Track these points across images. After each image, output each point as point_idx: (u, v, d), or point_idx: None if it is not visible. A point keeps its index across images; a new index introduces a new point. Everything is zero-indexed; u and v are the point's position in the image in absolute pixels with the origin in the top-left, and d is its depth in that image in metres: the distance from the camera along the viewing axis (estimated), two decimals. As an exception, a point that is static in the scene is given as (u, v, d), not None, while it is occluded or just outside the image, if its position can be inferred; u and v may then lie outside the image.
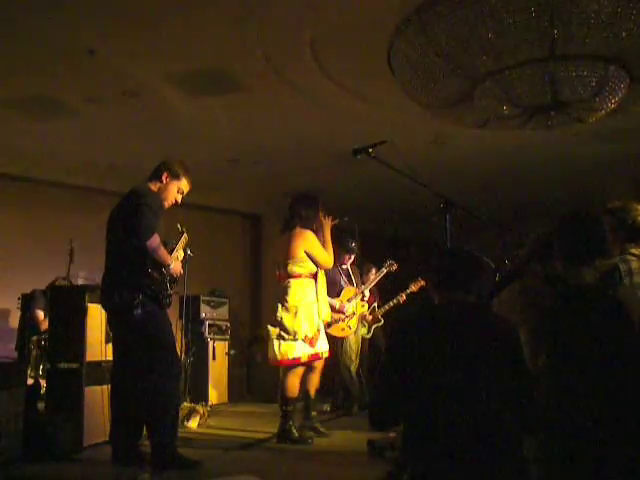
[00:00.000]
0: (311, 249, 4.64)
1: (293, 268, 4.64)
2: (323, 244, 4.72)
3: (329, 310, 5.06)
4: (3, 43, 4.36)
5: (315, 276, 4.72)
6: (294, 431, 4.58)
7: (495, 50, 3.87)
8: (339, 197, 8.45)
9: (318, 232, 4.76)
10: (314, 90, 5.20)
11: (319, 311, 4.71)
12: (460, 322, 2.16)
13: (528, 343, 2.11)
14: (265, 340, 4.88)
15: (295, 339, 4.57)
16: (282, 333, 4.60)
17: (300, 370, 4.69)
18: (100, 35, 4.27)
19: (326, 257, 4.71)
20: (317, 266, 4.70)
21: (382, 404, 2.20)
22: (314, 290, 4.70)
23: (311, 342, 4.61)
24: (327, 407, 6.33)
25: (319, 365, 4.77)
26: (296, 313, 4.58)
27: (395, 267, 6.28)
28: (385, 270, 6.32)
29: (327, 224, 4.83)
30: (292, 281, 4.64)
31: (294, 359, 4.59)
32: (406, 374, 2.11)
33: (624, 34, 3.71)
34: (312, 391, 4.87)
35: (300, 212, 4.74)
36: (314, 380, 4.83)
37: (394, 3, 3.93)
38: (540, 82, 4.04)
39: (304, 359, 4.61)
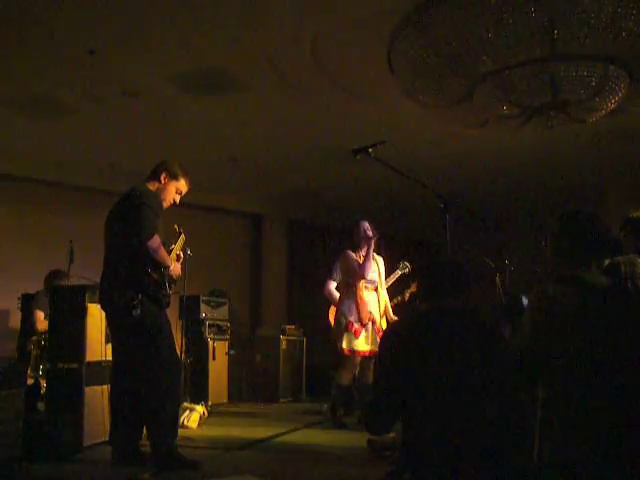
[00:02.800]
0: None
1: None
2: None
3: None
4: (3, 43, 4.36)
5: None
6: None
7: (495, 50, 3.87)
8: (339, 197, 8.47)
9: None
10: (314, 90, 5.20)
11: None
12: (449, 326, 2.18)
13: (549, 344, 2.08)
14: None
15: None
16: None
17: None
18: (100, 35, 4.28)
19: None
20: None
21: (376, 410, 2.21)
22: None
23: None
24: (327, 407, 6.32)
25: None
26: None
27: (409, 269, 6.11)
28: (399, 272, 6.20)
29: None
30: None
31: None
32: (399, 380, 2.11)
33: (624, 34, 3.71)
34: None
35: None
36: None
37: (394, 3, 3.93)
38: (540, 82, 4.04)
39: None
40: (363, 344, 5.20)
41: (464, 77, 4.23)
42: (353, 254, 5.37)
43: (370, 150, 3.59)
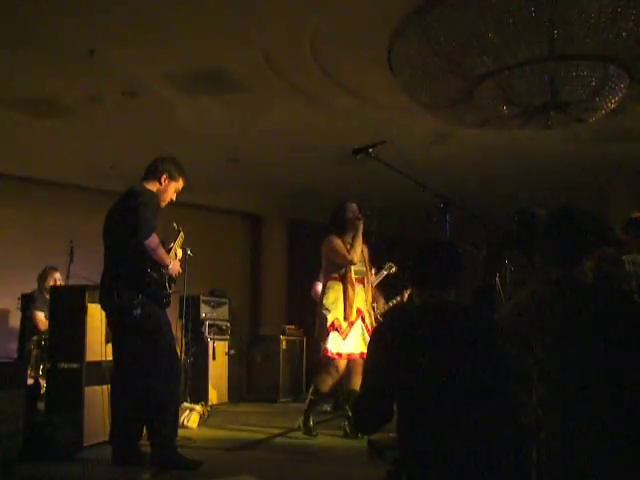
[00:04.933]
0: None
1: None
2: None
3: None
4: (4, 43, 4.36)
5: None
6: None
7: (495, 50, 3.87)
8: (339, 197, 8.45)
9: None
10: (314, 90, 5.20)
11: None
12: (445, 324, 2.10)
13: (548, 349, 2.06)
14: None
15: None
16: None
17: None
18: (100, 35, 4.28)
19: None
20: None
21: (365, 409, 2.16)
22: None
23: None
24: (327, 407, 6.33)
25: None
26: None
27: (394, 269, 6.10)
28: (385, 272, 6.22)
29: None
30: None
31: None
32: (391, 379, 2.07)
33: (624, 34, 3.71)
34: None
35: None
36: None
37: (394, 3, 3.94)
38: (540, 82, 4.05)
39: None
40: (353, 345, 4.62)
41: (464, 77, 4.23)
42: (338, 239, 4.76)
43: (370, 150, 3.59)
